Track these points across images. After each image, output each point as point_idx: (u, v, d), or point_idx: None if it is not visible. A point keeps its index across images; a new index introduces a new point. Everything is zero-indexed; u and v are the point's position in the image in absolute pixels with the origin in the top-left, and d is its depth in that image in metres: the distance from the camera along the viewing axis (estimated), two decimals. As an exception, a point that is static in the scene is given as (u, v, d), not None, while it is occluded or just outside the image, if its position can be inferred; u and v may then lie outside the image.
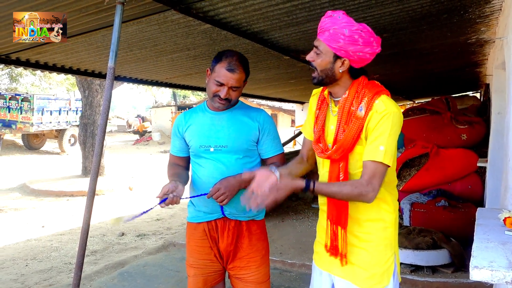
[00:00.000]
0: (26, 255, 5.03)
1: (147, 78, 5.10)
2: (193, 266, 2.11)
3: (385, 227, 1.67)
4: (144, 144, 21.97)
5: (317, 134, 1.72)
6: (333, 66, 1.58)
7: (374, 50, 1.56)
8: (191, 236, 2.13)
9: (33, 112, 14.96)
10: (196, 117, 2.09)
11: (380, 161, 1.53)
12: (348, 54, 1.54)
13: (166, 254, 4.87)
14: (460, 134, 5.45)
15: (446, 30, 3.67)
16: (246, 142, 2.03)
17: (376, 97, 1.58)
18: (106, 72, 4.48)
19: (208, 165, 2.03)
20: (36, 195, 8.93)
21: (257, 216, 2.11)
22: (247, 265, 2.07)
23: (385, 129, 1.54)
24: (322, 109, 1.73)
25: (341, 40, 1.52)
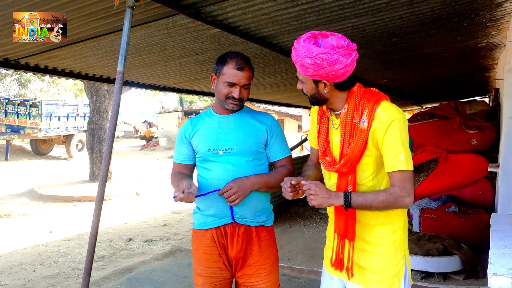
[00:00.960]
0: (33, 260, 5.03)
1: (155, 83, 5.10)
2: (201, 275, 2.06)
3: (394, 230, 1.68)
4: (151, 150, 22.03)
5: (322, 148, 1.75)
6: (318, 89, 1.63)
7: (345, 63, 1.55)
8: (199, 243, 2.08)
9: (41, 117, 15.07)
10: (203, 122, 2.08)
11: (404, 169, 1.55)
12: (322, 76, 1.57)
13: (173, 259, 4.85)
14: (470, 139, 5.38)
15: (456, 34, 3.64)
16: (255, 144, 2.02)
17: (376, 106, 1.60)
18: (115, 77, 4.49)
19: (217, 168, 2.01)
20: (44, 200, 8.96)
21: (266, 222, 2.08)
22: (256, 272, 2.02)
23: (395, 137, 1.55)
24: (323, 123, 1.76)
25: (309, 68, 1.56)
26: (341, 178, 1.67)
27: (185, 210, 7.75)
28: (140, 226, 6.78)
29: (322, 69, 1.54)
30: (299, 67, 1.60)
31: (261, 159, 2.06)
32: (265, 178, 2.01)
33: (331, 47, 1.53)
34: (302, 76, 1.64)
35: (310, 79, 1.61)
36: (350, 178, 1.64)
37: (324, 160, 1.73)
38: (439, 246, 3.95)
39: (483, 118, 6.01)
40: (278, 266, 2.14)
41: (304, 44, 1.56)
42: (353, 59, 1.57)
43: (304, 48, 1.55)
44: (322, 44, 1.54)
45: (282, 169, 2.07)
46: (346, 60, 1.55)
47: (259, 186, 1.97)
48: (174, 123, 25.57)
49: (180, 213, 7.64)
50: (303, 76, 1.63)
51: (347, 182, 1.64)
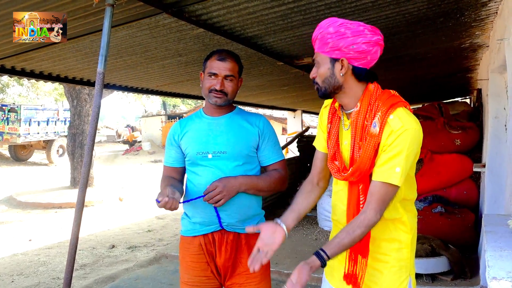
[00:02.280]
0: (12, 270, 4.84)
1: (137, 85, 5.00)
2: (188, 284, 1.97)
3: (400, 248, 1.57)
4: (134, 154, 21.72)
5: (332, 151, 1.60)
6: (333, 71, 1.48)
7: (370, 39, 1.43)
8: (186, 251, 1.99)
9: (20, 123, 14.70)
10: (193, 123, 2.00)
11: (394, 184, 1.42)
12: (342, 51, 1.44)
13: (158, 266, 4.72)
14: (454, 139, 5.42)
15: (441, 34, 3.64)
16: (246, 147, 1.93)
17: (391, 111, 1.44)
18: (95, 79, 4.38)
19: (205, 173, 1.92)
20: (23, 208, 8.70)
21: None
22: (246, 281, 1.93)
23: (402, 149, 1.40)
24: (333, 123, 1.61)
25: (330, 39, 1.44)
26: (352, 187, 1.54)
27: (170, 216, 7.62)
28: (123, 232, 6.62)
29: (344, 39, 1.41)
30: (319, 42, 1.48)
31: (252, 163, 1.97)
32: (254, 180, 1.91)
33: (357, 24, 1.45)
34: (319, 56, 1.50)
35: (327, 58, 1.47)
36: (361, 187, 1.51)
37: (332, 165, 1.60)
38: (427, 247, 3.94)
39: (466, 118, 6.07)
40: (269, 275, 2.04)
41: (329, 19, 1.48)
42: (376, 41, 1.44)
43: (329, 20, 1.46)
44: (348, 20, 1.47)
45: (274, 173, 1.99)
46: (371, 36, 1.43)
47: (246, 187, 1.87)
48: (158, 127, 25.32)
49: (165, 219, 7.51)
50: (320, 55, 1.49)
51: (358, 192, 1.52)
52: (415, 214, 1.64)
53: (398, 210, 1.55)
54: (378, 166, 1.45)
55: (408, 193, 1.57)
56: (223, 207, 1.86)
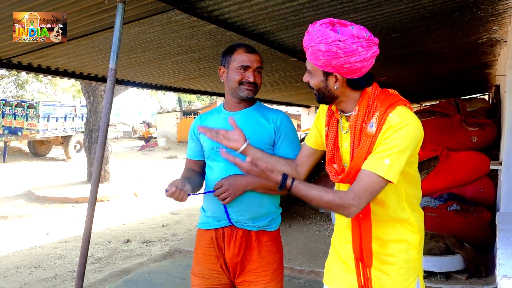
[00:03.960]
0: (30, 263, 4.96)
1: (151, 82, 5.03)
2: (197, 276, 1.99)
3: (408, 249, 1.54)
4: (150, 150, 21.93)
5: (329, 154, 1.57)
6: (327, 84, 1.45)
7: (364, 56, 1.37)
8: (199, 243, 2.03)
9: (39, 119, 14.98)
10: (211, 118, 2.02)
11: (381, 176, 1.36)
12: (335, 68, 1.40)
13: (171, 261, 4.78)
14: (471, 136, 5.33)
15: (457, 29, 3.58)
16: (260, 144, 1.89)
17: (390, 111, 1.41)
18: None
19: (217, 168, 1.94)
20: (41, 202, 8.88)
21: (268, 227, 1.95)
22: (256, 279, 1.92)
23: (397, 143, 1.37)
24: (331, 126, 1.58)
25: (321, 56, 1.38)
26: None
27: (184, 211, 7.68)
28: (138, 227, 6.71)
29: (337, 59, 1.36)
30: (310, 54, 1.42)
31: None
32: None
33: (350, 36, 1.36)
34: (311, 65, 1.46)
35: (320, 70, 1.44)
36: None
37: (330, 168, 1.57)
38: (441, 245, 3.88)
39: (483, 115, 5.96)
40: (281, 275, 2.00)
41: (319, 28, 1.38)
42: (372, 54, 1.39)
43: (319, 33, 1.37)
44: (341, 32, 1.37)
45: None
46: (366, 53, 1.37)
47: (254, 186, 1.85)
48: (173, 123, 25.50)
49: (179, 214, 7.57)
50: (312, 65, 1.45)
51: None
52: (422, 214, 1.63)
53: (406, 210, 1.53)
54: (370, 155, 1.42)
55: (413, 192, 1.56)
56: (232, 204, 1.87)
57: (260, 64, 1.91)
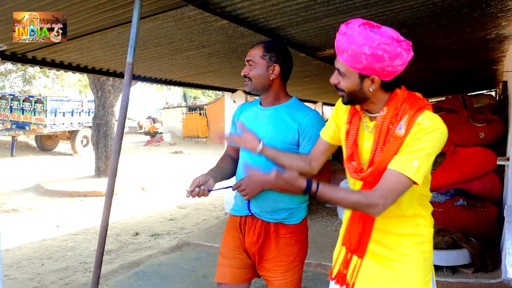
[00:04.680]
0: (41, 254, 5.05)
1: (161, 77, 5.08)
2: (223, 255, 2.09)
3: (423, 241, 1.56)
4: (155, 145, 22.05)
5: (349, 151, 1.58)
6: (362, 86, 1.44)
7: (405, 59, 1.38)
8: (228, 226, 2.14)
9: (46, 113, 15.12)
10: (248, 109, 2.11)
11: (408, 176, 1.37)
12: (375, 71, 1.38)
13: (180, 253, 4.85)
14: (478, 132, 5.35)
15: (466, 25, 3.59)
16: (281, 143, 1.92)
17: (419, 114, 1.42)
18: (121, 70, 4.49)
19: (243, 157, 2.04)
20: (50, 195, 9.00)
21: (286, 220, 1.98)
22: (273, 268, 1.99)
23: (426, 146, 1.38)
24: (353, 123, 1.58)
25: (364, 60, 1.35)
26: (367, 188, 1.52)
27: (191, 205, 7.76)
28: (146, 220, 6.79)
29: (381, 62, 1.35)
30: (349, 57, 1.38)
31: None
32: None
33: (392, 38, 1.34)
34: (346, 68, 1.41)
35: (356, 73, 1.41)
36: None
37: (349, 165, 1.57)
38: (448, 239, 3.93)
39: (491, 111, 5.97)
40: (299, 266, 2.03)
41: (360, 30, 1.34)
42: (411, 57, 1.39)
43: (362, 35, 1.33)
44: (380, 34, 1.34)
45: None
46: (407, 56, 1.37)
47: (270, 187, 1.82)
48: (178, 118, 25.59)
49: (186, 208, 7.65)
50: (347, 68, 1.41)
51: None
52: (431, 210, 1.64)
53: (416, 207, 1.54)
54: (397, 155, 1.41)
55: (424, 191, 1.58)
56: (253, 198, 1.94)
57: (249, 57, 1.95)
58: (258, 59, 1.94)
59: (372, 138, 1.50)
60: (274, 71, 1.95)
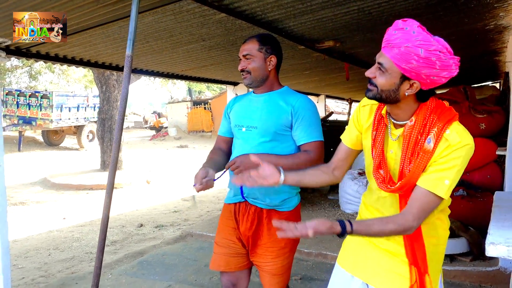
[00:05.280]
0: (48, 245, 5.17)
1: (163, 70, 5.16)
2: (217, 244, 2.17)
3: (438, 243, 1.58)
4: (161, 140, 22.19)
5: (377, 160, 1.54)
6: (399, 88, 1.38)
7: (452, 74, 1.34)
8: (222, 215, 2.21)
9: (52, 109, 15.28)
10: (242, 99, 2.20)
11: (440, 196, 1.37)
12: (420, 77, 1.33)
13: (184, 244, 4.94)
14: (479, 123, 5.38)
15: (463, 16, 3.62)
16: (275, 125, 2.00)
17: (447, 126, 1.38)
18: (123, 64, 4.54)
19: (237, 145, 2.11)
20: (57, 189, 9.14)
21: (279, 207, 2.05)
22: (264, 253, 2.07)
23: (456, 163, 1.36)
24: (379, 131, 1.54)
25: (414, 61, 1.30)
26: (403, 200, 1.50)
27: (195, 198, 7.85)
28: (151, 212, 6.90)
29: (431, 68, 1.30)
30: (400, 54, 1.32)
31: (283, 142, 2.03)
32: (274, 159, 1.95)
33: (447, 49, 1.32)
34: (390, 64, 1.35)
35: (400, 73, 1.35)
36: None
37: (378, 174, 1.54)
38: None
39: (493, 102, 5.99)
40: (289, 253, 2.09)
41: (420, 31, 1.31)
42: (456, 73, 1.36)
43: (421, 36, 1.29)
44: (436, 40, 1.31)
45: (301, 154, 2.02)
46: (454, 71, 1.34)
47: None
48: (183, 113, 25.70)
49: (190, 201, 7.74)
50: (392, 65, 1.35)
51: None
52: (449, 212, 1.66)
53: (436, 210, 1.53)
54: (427, 173, 1.39)
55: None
56: None
57: (246, 51, 2.03)
58: (255, 52, 2.02)
59: (396, 147, 1.49)
60: (271, 62, 2.05)
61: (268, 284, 2.09)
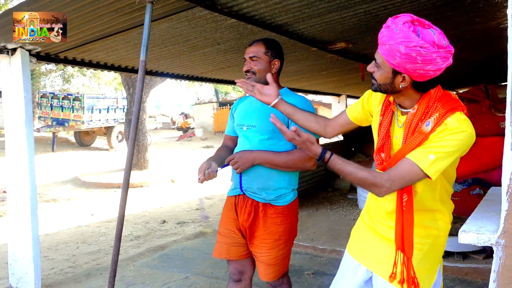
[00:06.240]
0: (77, 239, 5.49)
1: (183, 73, 5.37)
2: (220, 233, 2.33)
3: (438, 235, 1.63)
4: (188, 140, 22.63)
5: (380, 143, 1.61)
6: (393, 81, 1.48)
7: (439, 66, 1.38)
8: (225, 206, 2.37)
9: (84, 110, 15.84)
10: (244, 100, 2.36)
11: (421, 168, 1.41)
12: (407, 71, 1.41)
13: (203, 239, 5.14)
14: (499, 122, 5.35)
15: (473, 16, 3.65)
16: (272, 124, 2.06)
17: (449, 114, 1.42)
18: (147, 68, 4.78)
19: (239, 143, 2.28)
20: (87, 187, 9.57)
21: (274, 201, 2.16)
22: (259, 244, 2.20)
23: (447, 144, 1.40)
24: (386, 116, 1.61)
25: (397, 57, 1.38)
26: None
27: (217, 196, 8.06)
28: (174, 210, 7.15)
29: (413, 63, 1.37)
30: (386, 51, 1.41)
31: (281, 140, 2.14)
32: (269, 155, 2.11)
33: (432, 43, 1.35)
34: (382, 60, 1.46)
35: (390, 67, 1.45)
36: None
37: (378, 156, 1.61)
38: (459, 226, 3.99)
39: (517, 101, 5.90)
40: (283, 244, 2.20)
41: (402, 28, 1.37)
42: (447, 65, 1.40)
43: (402, 33, 1.36)
44: (422, 35, 1.36)
45: (296, 151, 2.14)
46: (442, 64, 1.38)
47: (261, 161, 2.11)
48: (210, 114, 26.10)
49: (212, 199, 7.96)
50: (383, 60, 1.45)
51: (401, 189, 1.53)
52: (453, 207, 1.72)
53: (437, 202, 1.61)
54: (417, 147, 1.46)
55: (447, 187, 1.64)
56: (244, 173, 2.17)
57: (254, 53, 2.17)
58: (261, 55, 2.17)
59: (401, 133, 1.55)
60: (275, 65, 2.21)
61: (263, 273, 2.23)
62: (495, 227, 1.46)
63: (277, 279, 2.25)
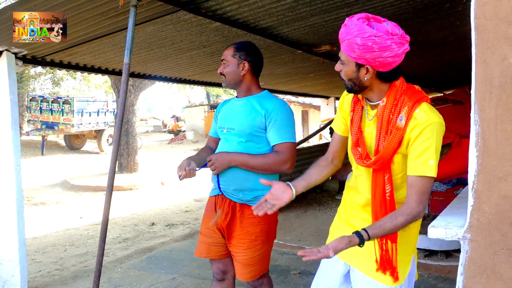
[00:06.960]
0: (65, 242, 5.48)
1: (171, 75, 5.40)
2: (201, 233, 2.39)
3: (409, 227, 1.68)
4: (179, 143, 22.60)
5: (354, 138, 1.69)
6: (358, 74, 1.56)
7: (396, 52, 1.48)
8: (206, 207, 2.42)
9: (74, 113, 15.76)
10: (227, 103, 2.42)
11: (430, 176, 1.52)
12: (368, 61, 1.50)
13: (191, 241, 5.17)
14: (483, 123, 5.44)
15: (453, 19, 3.73)
16: (250, 127, 2.18)
17: (417, 106, 1.53)
18: (133, 71, 4.80)
19: (220, 145, 2.33)
20: (76, 190, 9.54)
21: (250, 202, 2.18)
22: (237, 244, 2.24)
23: (431, 142, 1.50)
24: (356, 111, 1.70)
25: (356, 49, 1.48)
26: (376, 175, 1.63)
27: (207, 198, 8.08)
28: (163, 212, 7.17)
29: (371, 52, 1.46)
30: (346, 46, 1.52)
31: (259, 142, 2.20)
32: (245, 158, 2.15)
33: (385, 32, 1.45)
34: (345, 56, 1.56)
35: (353, 62, 1.54)
36: (386, 177, 1.61)
37: (355, 151, 1.68)
38: (441, 225, 4.08)
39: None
40: (260, 245, 2.22)
41: (357, 23, 1.48)
42: (404, 50, 1.49)
43: (357, 27, 1.47)
44: (376, 27, 1.46)
45: (271, 154, 2.17)
46: (398, 49, 1.47)
47: (236, 163, 2.15)
48: (201, 116, 26.09)
49: (202, 201, 7.98)
50: (346, 56, 1.55)
51: (383, 181, 1.61)
52: None
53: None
54: (412, 161, 1.53)
55: None
56: (222, 175, 2.23)
57: (223, 57, 2.25)
58: (229, 58, 2.24)
59: (372, 126, 1.63)
60: (244, 67, 2.24)
61: (239, 273, 2.28)
62: (463, 222, 1.51)
63: (255, 279, 2.28)
